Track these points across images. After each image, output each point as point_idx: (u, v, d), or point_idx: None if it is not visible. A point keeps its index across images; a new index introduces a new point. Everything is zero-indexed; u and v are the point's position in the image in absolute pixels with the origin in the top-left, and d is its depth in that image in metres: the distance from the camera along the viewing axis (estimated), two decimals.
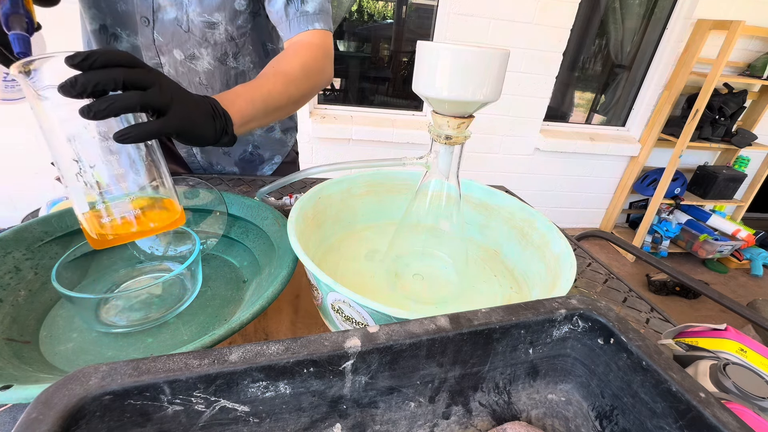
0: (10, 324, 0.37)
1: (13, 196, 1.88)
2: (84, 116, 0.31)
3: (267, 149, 0.84)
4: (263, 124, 0.54)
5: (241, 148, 0.81)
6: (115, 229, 0.35)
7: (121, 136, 0.33)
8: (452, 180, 0.44)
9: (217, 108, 0.43)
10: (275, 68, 0.57)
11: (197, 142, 0.41)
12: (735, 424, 0.21)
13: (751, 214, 2.89)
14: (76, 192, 0.34)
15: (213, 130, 0.42)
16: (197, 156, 0.78)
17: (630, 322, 0.28)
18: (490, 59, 0.34)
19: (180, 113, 0.37)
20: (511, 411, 0.29)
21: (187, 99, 0.39)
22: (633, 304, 0.55)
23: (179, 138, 0.39)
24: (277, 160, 0.86)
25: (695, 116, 2.14)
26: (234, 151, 0.81)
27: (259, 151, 0.83)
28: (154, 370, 0.20)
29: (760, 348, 0.36)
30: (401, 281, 0.47)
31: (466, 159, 2.29)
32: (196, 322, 0.42)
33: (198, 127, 0.40)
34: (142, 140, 0.34)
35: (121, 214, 0.36)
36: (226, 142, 0.45)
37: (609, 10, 2.22)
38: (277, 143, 0.85)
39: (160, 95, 0.35)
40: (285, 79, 0.55)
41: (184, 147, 0.76)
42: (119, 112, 0.33)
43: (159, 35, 0.63)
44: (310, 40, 0.61)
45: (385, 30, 2.19)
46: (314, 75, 0.60)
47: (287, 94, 0.55)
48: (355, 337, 0.24)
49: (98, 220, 0.35)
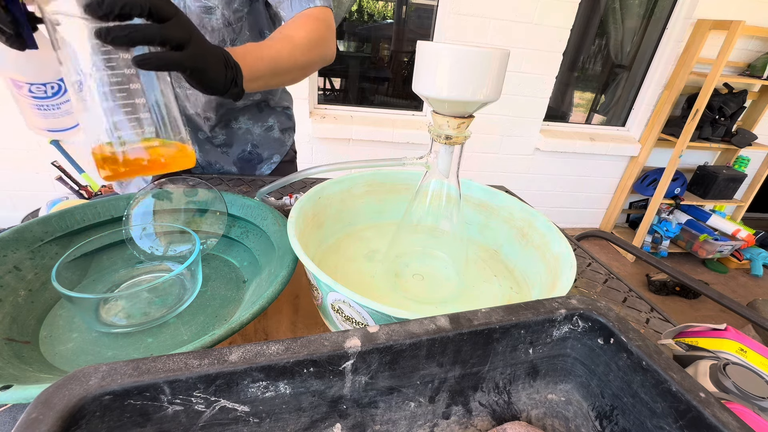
0: (10, 324, 0.37)
1: (13, 196, 1.88)
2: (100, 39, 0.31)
3: (266, 148, 0.84)
4: (270, 84, 0.55)
5: (240, 148, 0.81)
6: (127, 162, 0.36)
7: (142, 60, 0.33)
8: (452, 180, 0.44)
9: (229, 58, 0.43)
10: (282, 33, 0.58)
11: (209, 86, 0.41)
12: (735, 424, 0.21)
13: (751, 214, 2.89)
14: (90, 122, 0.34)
15: (224, 77, 0.42)
16: (196, 154, 0.78)
17: (630, 322, 0.28)
18: (490, 59, 0.34)
19: (197, 52, 0.37)
20: (511, 411, 0.29)
21: (203, 40, 0.39)
22: (633, 304, 0.55)
23: (192, 78, 0.39)
24: (275, 159, 0.86)
25: (695, 116, 2.14)
26: (233, 151, 0.81)
27: (258, 150, 0.83)
28: (154, 370, 0.20)
29: (760, 348, 0.36)
30: (401, 281, 0.47)
31: (466, 159, 2.29)
32: (196, 322, 0.42)
33: (211, 70, 0.40)
34: (160, 68, 0.35)
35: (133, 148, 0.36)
36: (236, 93, 0.45)
37: (609, 10, 2.22)
38: (275, 143, 0.85)
39: (181, 30, 0.35)
40: (291, 44, 0.56)
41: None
42: (137, 43, 0.33)
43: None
44: (312, 14, 0.62)
45: (385, 30, 2.19)
46: (319, 45, 0.61)
47: (293, 58, 0.56)
48: (355, 337, 0.24)
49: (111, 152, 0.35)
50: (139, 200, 0.50)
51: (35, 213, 1.47)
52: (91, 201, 0.50)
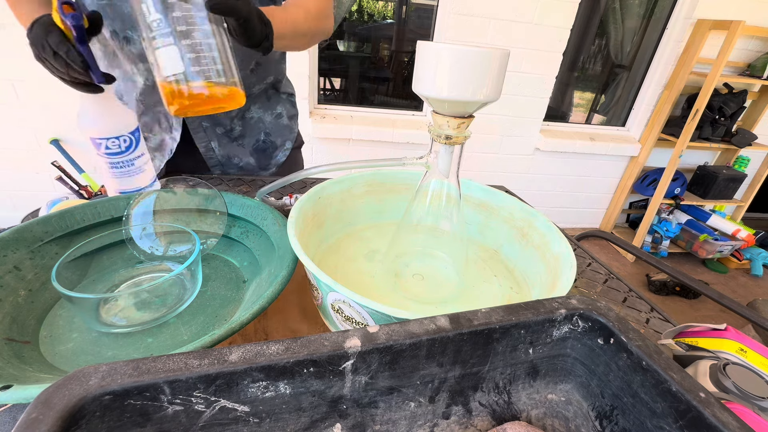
0: (10, 324, 0.37)
1: (13, 196, 1.88)
2: None
3: (278, 135, 0.87)
4: (291, 45, 0.64)
5: (254, 138, 0.84)
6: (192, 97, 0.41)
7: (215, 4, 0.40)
8: (452, 180, 0.44)
9: (262, 15, 0.49)
10: (295, 2, 0.65)
11: (250, 37, 0.47)
12: (735, 424, 0.21)
13: (751, 214, 2.89)
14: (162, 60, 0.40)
15: (261, 30, 0.48)
16: (215, 150, 0.80)
17: (630, 322, 0.28)
18: (490, 59, 0.34)
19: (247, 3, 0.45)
20: (511, 411, 0.29)
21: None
22: (633, 304, 0.55)
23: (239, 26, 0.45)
24: (288, 146, 0.90)
25: (695, 116, 2.14)
26: (247, 141, 0.83)
27: (271, 138, 0.86)
28: (154, 370, 0.20)
29: (760, 348, 0.36)
30: (401, 281, 0.47)
31: (466, 159, 2.29)
32: (196, 322, 0.42)
33: (253, 22, 0.47)
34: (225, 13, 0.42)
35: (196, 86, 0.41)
36: (267, 47, 0.51)
37: (609, 10, 2.22)
38: (285, 129, 0.89)
39: None
40: (305, 11, 0.64)
41: (203, 141, 0.79)
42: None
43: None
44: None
45: (385, 30, 2.19)
46: (327, 17, 0.69)
47: (308, 24, 0.64)
48: (355, 337, 0.24)
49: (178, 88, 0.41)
50: (139, 200, 0.50)
51: (35, 213, 1.47)
52: (91, 201, 0.50)
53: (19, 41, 1.56)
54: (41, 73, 0.51)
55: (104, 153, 0.52)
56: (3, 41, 1.55)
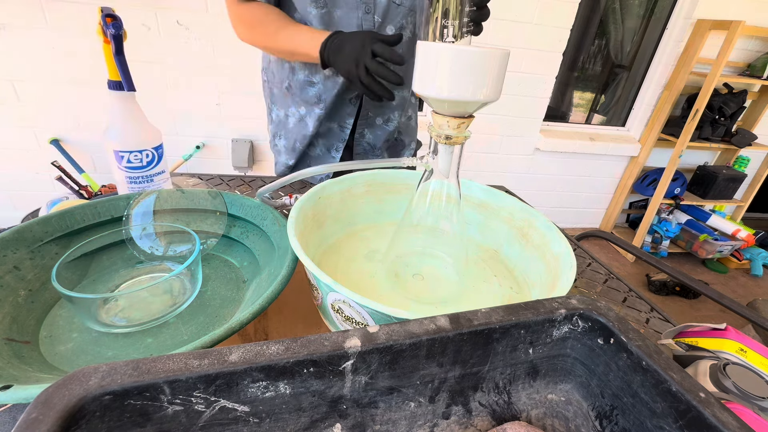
0: (10, 324, 0.37)
1: (13, 196, 1.88)
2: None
3: (406, 135, 0.93)
4: None
5: (388, 132, 0.87)
6: None
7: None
8: (452, 180, 0.44)
9: None
10: None
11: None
12: (735, 424, 0.21)
13: (751, 214, 2.89)
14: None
15: None
16: (367, 135, 0.85)
17: (630, 322, 0.28)
18: (490, 59, 0.34)
19: None
20: (511, 411, 0.29)
21: None
22: (633, 304, 0.55)
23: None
24: (412, 146, 0.95)
25: (695, 116, 2.14)
26: (378, 138, 0.86)
27: (402, 137, 0.91)
28: (154, 370, 0.20)
29: (760, 348, 0.36)
30: (401, 281, 0.47)
31: (466, 159, 2.29)
32: (196, 322, 0.42)
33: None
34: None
35: None
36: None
37: (609, 10, 2.22)
38: (412, 131, 0.95)
39: None
40: None
41: (360, 128, 0.83)
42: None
43: (378, 17, 0.70)
44: None
45: None
46: None
47: None
48: (355, 337, 0.24)
49: None
50: (139, 200, 0.50)
51: (35, 213, 1.47)
52: (91, 201, 0.50)
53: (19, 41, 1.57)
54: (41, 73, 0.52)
55: (125, 167, 0.52)
56: (3, 41, 1.55)
